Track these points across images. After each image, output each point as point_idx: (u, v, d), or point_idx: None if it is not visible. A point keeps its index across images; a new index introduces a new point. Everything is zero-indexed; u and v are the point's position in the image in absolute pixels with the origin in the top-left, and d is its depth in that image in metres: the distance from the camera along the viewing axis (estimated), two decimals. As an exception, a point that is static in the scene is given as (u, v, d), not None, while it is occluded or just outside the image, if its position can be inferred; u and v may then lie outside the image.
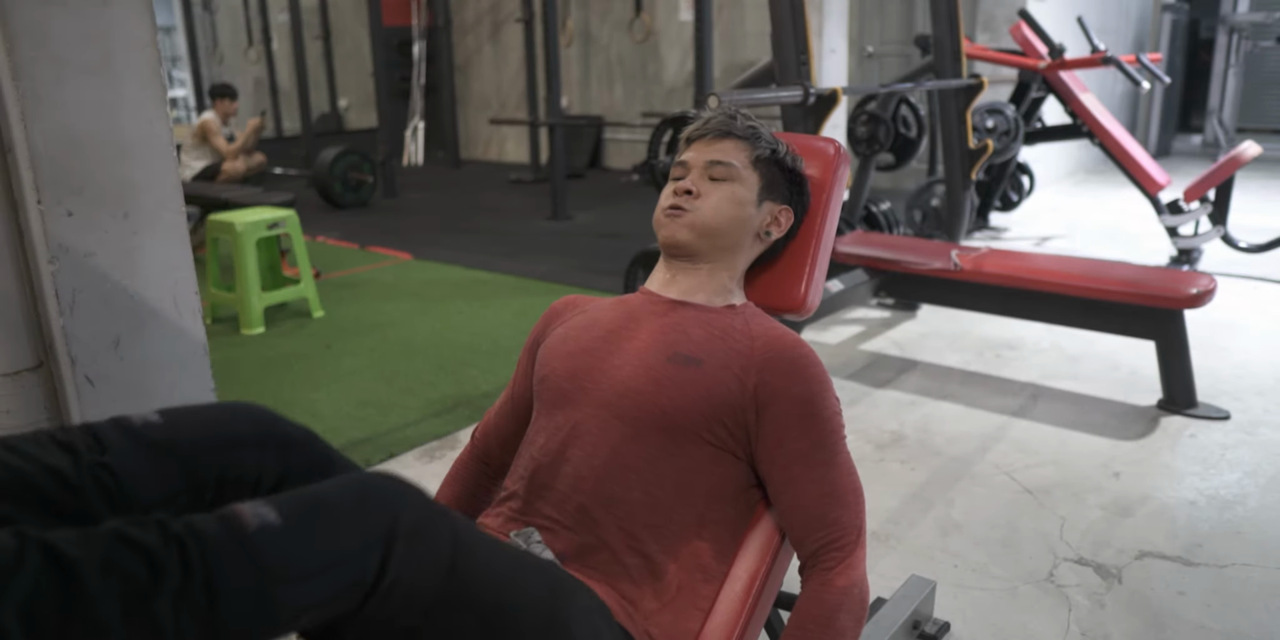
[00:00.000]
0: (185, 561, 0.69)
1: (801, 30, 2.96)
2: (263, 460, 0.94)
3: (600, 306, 1.30)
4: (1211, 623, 1.77)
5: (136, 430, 0.90)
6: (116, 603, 0.66)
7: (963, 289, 3.13)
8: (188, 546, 0.69)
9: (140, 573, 0.67)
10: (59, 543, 0.67)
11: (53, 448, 0.86)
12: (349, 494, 0.80)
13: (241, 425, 0.96)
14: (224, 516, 0.73)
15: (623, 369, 1.16)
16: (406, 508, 0.81)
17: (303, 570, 0.73)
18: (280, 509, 0.75)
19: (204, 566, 0.69)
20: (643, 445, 1.11)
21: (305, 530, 0.75)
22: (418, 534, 0.80)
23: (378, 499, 0.80)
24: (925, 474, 2.41)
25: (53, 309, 1.28)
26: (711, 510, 1.14)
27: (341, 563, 0.75)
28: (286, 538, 0.74)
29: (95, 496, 0.85)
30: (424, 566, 0.80)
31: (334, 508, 0.78)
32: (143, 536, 0.69)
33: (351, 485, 0.81)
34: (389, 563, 0.77)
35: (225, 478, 0.92)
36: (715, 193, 1.24)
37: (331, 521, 0.77)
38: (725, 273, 1.27)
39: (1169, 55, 8.38)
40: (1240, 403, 2.84)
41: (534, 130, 8.20)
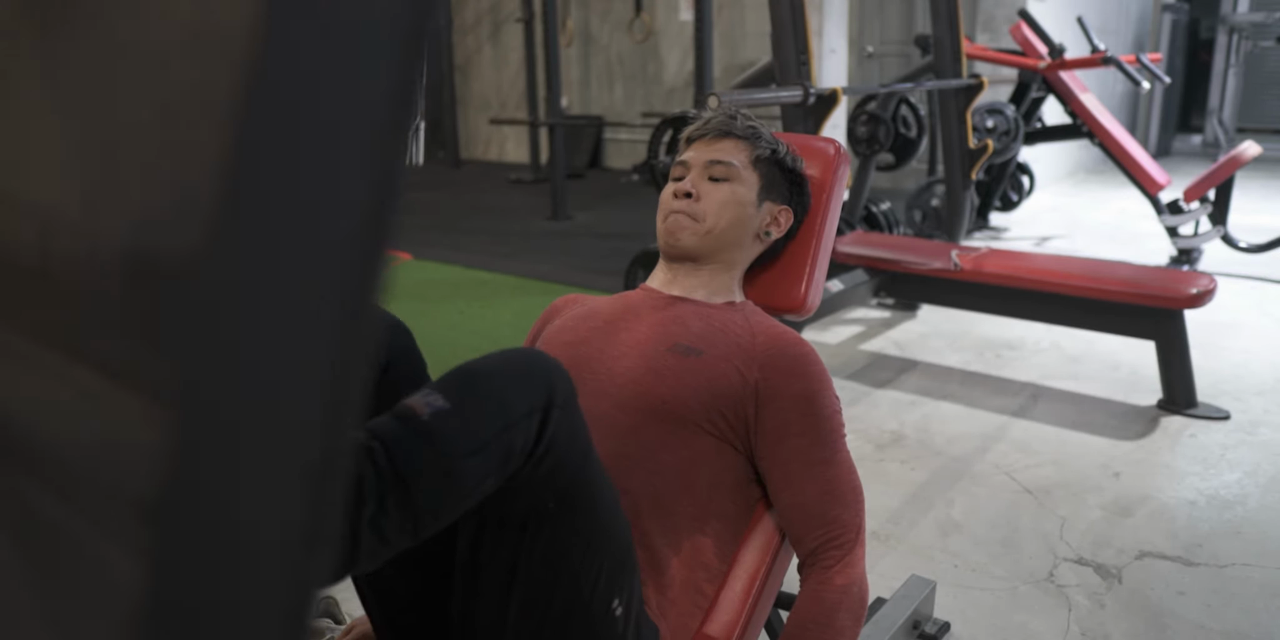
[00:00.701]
0: (374, 463, 0.76)
1: (801, 30, 2.96)
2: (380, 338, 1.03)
3: (600, 301, 1.30)
4: (1211, 623, 1.77)
5: None
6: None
7: (963, 289, 3.13)
8: (373, 448, 0.77)
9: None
10: None
11: None
12: (507, 365, 0.87)
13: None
14: (398, 413, 0.81)
15: (622, 359, 1.16)
16: (559, 377, 0.88)
17: (478, 441, 0.81)
18: (446, 392, 0.82)
19: (389, 462, 0.76)
20: (643, 435, 1.12)
21: (473, 406, 0.82)
22: (568, 405, 0.87)
23: (535, 367, 0.87)
24: (925, 474, 2.41)
25: (53, 309, 1.28)
26: (713, 503, 1.14)
27: (509, 428, 0.82)
28: (459, 417, 0.81)
29: None
30: (572, 438, 0.88)
31: (495, 380, 0.85)
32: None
33: (507, 357, 0.88)
34: (547, 426, 0.84)
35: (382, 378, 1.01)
36: (715, 194, 1.24)
37: (497, 391, 0.84)
38: (725, 273, 1.27)
39: (1169, 55, 8.38)
40: (1240, 403, 2.84)
41: (534, 130, 8.20)
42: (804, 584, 1.11)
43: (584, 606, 0.94)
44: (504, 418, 0.82)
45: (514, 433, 0.82)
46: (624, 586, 0.97)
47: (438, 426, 0.80)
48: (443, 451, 0.79)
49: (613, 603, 0.96)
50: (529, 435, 0.83)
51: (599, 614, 0.95)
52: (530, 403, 0.84)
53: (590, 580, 0.94)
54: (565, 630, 0.95)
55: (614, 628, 0.97)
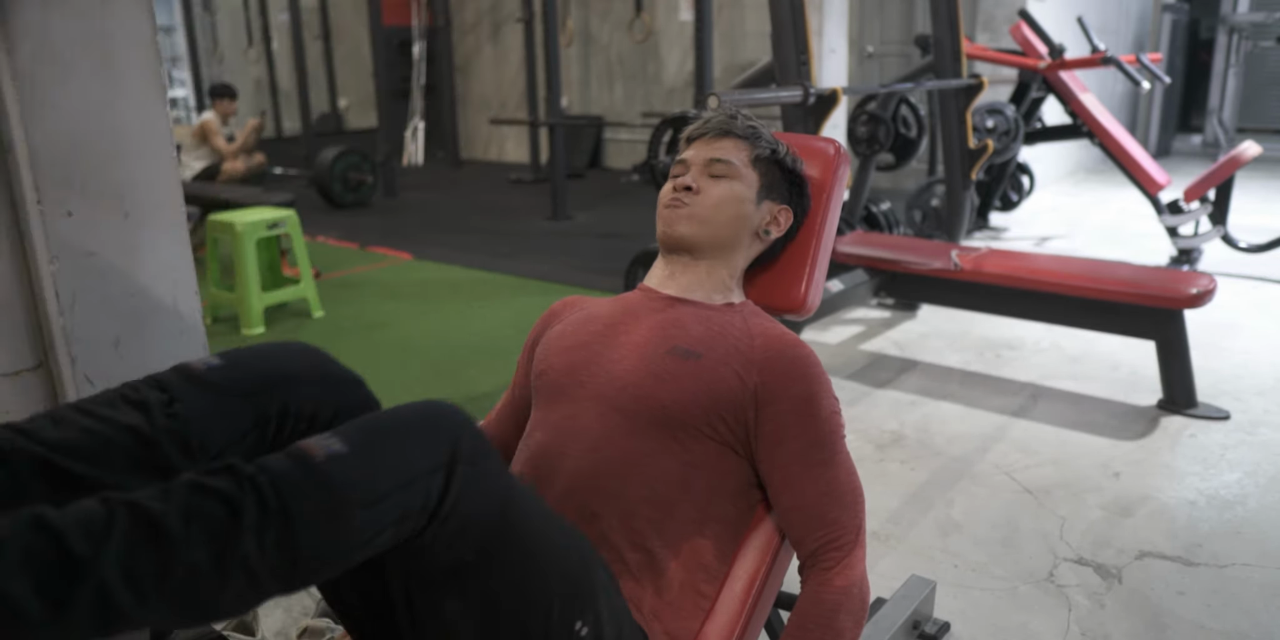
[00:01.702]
0: (260, 499, 0.73)
1: (801, 30, 2.96)
2: (320, 395, 0.99)
3: (598, 304, 1.30)
4: (1211, 623, 1.77)
5: (200, 375, 0.93)
6: (204, 547, 0.70)
7: (963, 289, 3.13)
8: (260, 484, 0.73)
9: (220, 516, 0.71)
10: (142, 500, 0.71)
11: (125, 406, 0.90)
12: (412, 418, 0.84)
13: (299, 363, 1.00)
14: (292, 452, 0.77)
15: (621, 363, 1.16)
16: (468, 434, 0.84)
17: (373, 493, 0.76)
18: (346, 438, 0.79)
19: (278, 499, 0.73)
20: (643, 439, 1.11)
21: (372, 455, 0.79)
22: (478, 460, 0.83)
23: (441, 422, 0.84)
24: (925, 474, 2.41)
25: (53, 309, 1.28)
26: (713, 507, 1.14)
27: (409, 484, 0.78)
28: (354, 463, 0.77)
29: (171, 447, 0.89)
30: (483, 494, 0.84)
31: (398, 431, 0.82)
32: (217, 483, 0.73)
33: (414, 410, 0.85)
34: (452, 484, 0.81)
35: (286, 413, 0.96)
36: (715, 189, 1.24)
37: (396, 444, 0.80)
38: (724, 270, 1.27)
39: (1169, 55, 8.38)
40: (1240, 403, 2.84)
41: (534, 130, 8.20)
42: (804, 585, 1.11)
43: (540, 637, 0.92)
44: (403, 473, 0.79)
45: (412, 490, 0.78)
46: (585, 607, 0.95)
47: (332, 470, 0.76)
48: (334, 496, 0.75)
49: (575, 625, 0.94)
50: (430, 494, 0.80)
51: (562, 638, 0.94)
52: (433, 460, 0.80)
53: (541, 615, 0.92)
54: None
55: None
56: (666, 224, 1.24)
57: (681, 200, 1.24)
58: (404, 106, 8.48)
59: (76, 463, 0.85)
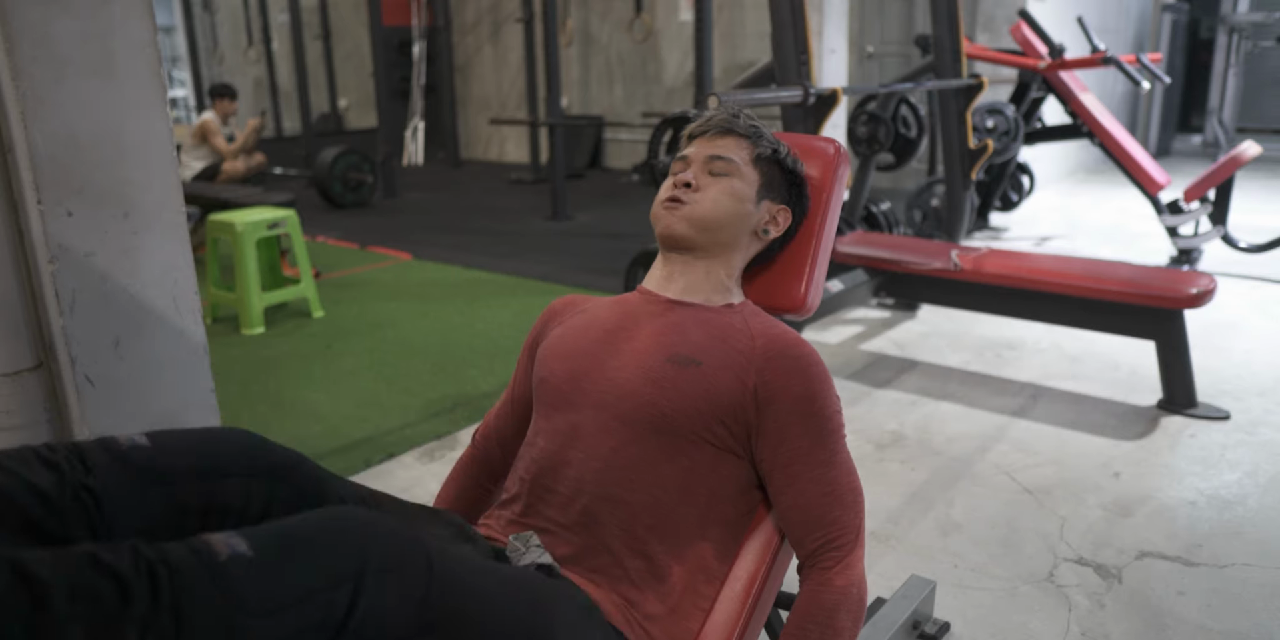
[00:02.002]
0: (155, 588, 0.68)
1: (801, 30, 2.96)
2: (249, 490, 0.93)
3: (598, 306, 1.29)
4: (1211, 623, 1.77)
5: (124, 453, 0.89)
6: (82, 627, 0.65)
7: (963, 289, 3.13)
8: (158, 573, 0.68)
9: (109, 598, 0.66)
10: (30, 562, 0.66)
11: (37, 465, 0.84)
12: (321, 528, 0.79)
13: (229, 454, 0.95)
14: (195, 546, 0.72)
15: (622, 371, 1.16)
16: (379, 542, 0.80)
17: (273, 603, 0.72)
18: (252, 541, 0.74)
19: (173, 594, 0.68)
20: (643, 447, 1.11)
21: (276, 563, 0.74)
22: (390, 569, 0.79)
23: (350, 533, 0.79)
24: (925, 474, 2.41)
25: (53, 309, 1.28)
26: (714, 511, 1.14)
27: (311, 597, 0.74)
28: (258, 569, 0.73)
29: (75, 518, 0.84)
30: (397, 601, 0.79)
31: (306, 542, 0.77)
32: (114, 561, 0.68)
33: (324, 519, 0.80)
34: (360, 598, 0.76)
35: (210, 506, 0.91)
36: (714, 186, 1.24)
37: (303, 555, 0.75)
38: (723, 270, 1.26)
39: (1169, 55, 8.38)
40: (1240, 403, 2.84)
41: (534, 130, 8.20)
42: (803, 585, 1.11)
43: None
44: (305, 586, 0.74)
45: (315, 603, 0.74)
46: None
47: (233, 573, 0.71)
48: (230, 600, 0.70)
49: None
50: (334, 608, 0.75)
51: None
52: (337, 573, 0.76)
53: None
54: None
55: None
56: (664, 222, 1.24)
57: (680, 198, 1.24)
58: (404, 106, 8.48)
59: None
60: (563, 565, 1.09)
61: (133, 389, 1.38)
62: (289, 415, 2.88)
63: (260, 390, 3.10)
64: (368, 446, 2.64)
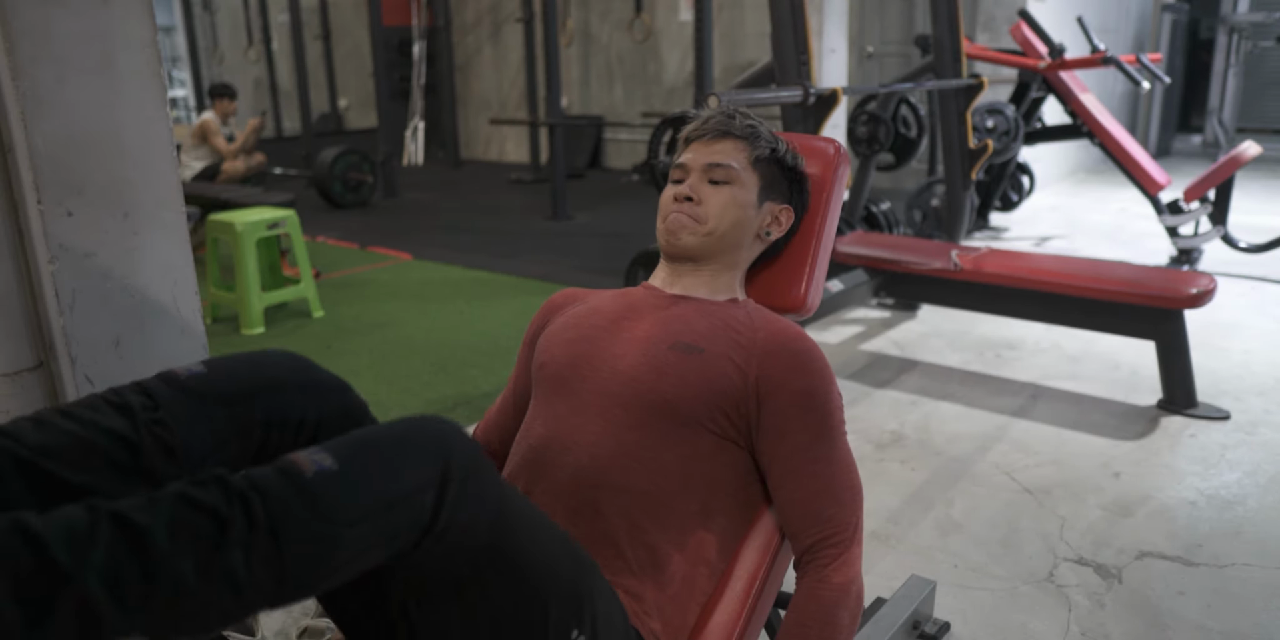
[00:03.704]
0: (248, 513, 0.72)
1: (801, 30, 2.96)
2: (304, 403, 0.99)
3: (601, 297, 1.30)
4: (1211, 623, 1.77)
5: (184, 382, 0.94)
6: (190, 560, 0.69)
7: (963, 289, 3.13)
8: (249, 499, 0.72)
9: (207, 530, 0.70)
10: (127, 511, 0.70)
11: (109, 410, 0.89)
12: (404, 434, 0.83)
13: (282, 370, 1.00)
14: (282, 466, 0.76)
15: (624, 357, 1.16)
16: (461, 449, 0.83)
17: (362, 511, 0.76)
18: (336, 454, 0.78)
19: (267, 516, 0.72)
20: (645, 434, 1.11)
21: (362, 472, 0.77)
22: (470, 477, 0.82)
23: (433, 440, 0.83)
24: (925, 474, 2.41)
25: (53, 309, 1.28)
26: (715, 500, 1.14)
27: (399, 503, 0.77)
28: (344, 481, 0.76)
29: (154, 452, 0.89)
30: (476, 510, 0.83)
31: (389, 449, 0.80)
32: (205, 495, 0.72)
33: (406, 427, 0.84)
34: (444, 502, 0.80)
35: (270, 421, 0.96)
36: (716, 197, 1.24)
37: (387, 463, 0.79)
38: (728, 273, 1.28)
39: (1169, 55, 8.38)
40: (1240, 403, 2.84)
41: (534, 130, 8.20)
42: (800, 582, 1.11)
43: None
44: (393, 490, 0.77)
45: (402, 509, 0.78)
46: (581, 614, 0.95)
47: (320, 487, 0.75)
48: (322, 514, 0.74)
49: (571, 634, 0.94)
50: (422, 512, 0.79)
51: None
52: (424, 478, 0.79)
53: (536, 624, 0.91)
54: None
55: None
56: (670, 235, 1.25)
57: (684, 212, 1.24)
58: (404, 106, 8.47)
59: (59, 466, 0.85)
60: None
61: (133, 389, 1.38)
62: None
63: (260, 390, 3.10)
64: (368, 446, 2.63)
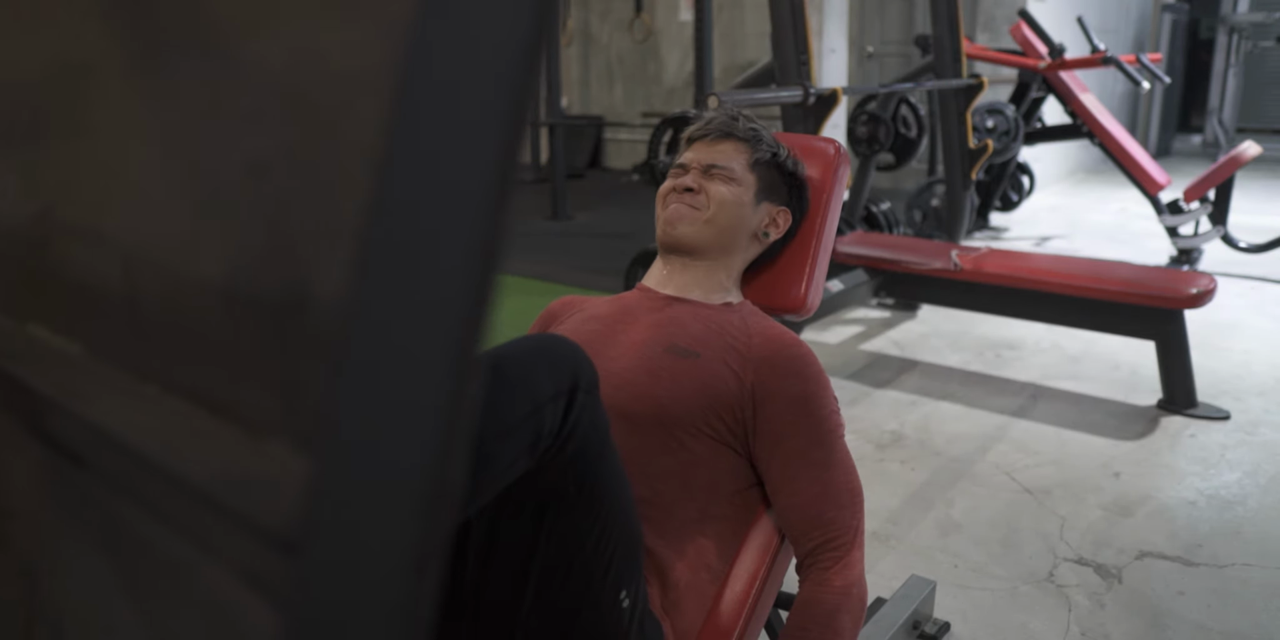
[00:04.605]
0: None
1: (801, 30, 2.96)
2: None
3: (596, 304, 1.30)
4: (1211, 623, 1.77)
5: None
6: None
7: (963, 289, 3.13)
8: None
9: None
10: None
11: None
12: (533, 348, 0.87)
13: None
14: None
15: (619, 361, 1.16)
16: (584, 363, 0.88)
17: (507, 425, 0.80)
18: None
19: None
20: (642, 440, 1.11)
21: (502, 391, 0.81)
22: (592, 390, 0.87)
23: (560, 353, 0.87)
24: (925, 474, 2.41)
25: (53, 309, 1.28)
26: (713, 506, 1.14)
27: (538, 410, 0.82)
28: (487, 402, 0.79)
29: None
30: (593, 423, 0.87)
31: (521, 363, 0.85)
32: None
33: (533, 341, 0.89)
34: (571, 411, 0.84)
35: None
36: (714, 192, 1.25)
37: (523, 375, 0.83)
38: (722, 272, 1.27)
39: (1169, 55, 8.38)
40: (1240, 403, 2.84)
41: (534, 130, 8.20)
42: (802, 585, 1.11)
43: (594, 594, 0.95)
44: (531, 401, 0.82)
45: (542, 415, 0.82)
46: (632, 579, 0.98)
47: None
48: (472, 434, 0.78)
49: (620, 593, 0.97)
50: (555, 418, 0.84)
51: (608, 604, 0.96)
52: (556, 386, 0.84)
53: (601, 569, 0.95)
54: (574, 616, 0.95)
55: (620, 618, 0.97)
56: (667, 224, 1.25)
57: (682, 202, 1.24)
58: (404, 106, 8.46)
59: None
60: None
61: (133, 389, 1.38)
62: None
63: (260, 390, 3.09)
64: (368, 446, 2.63)
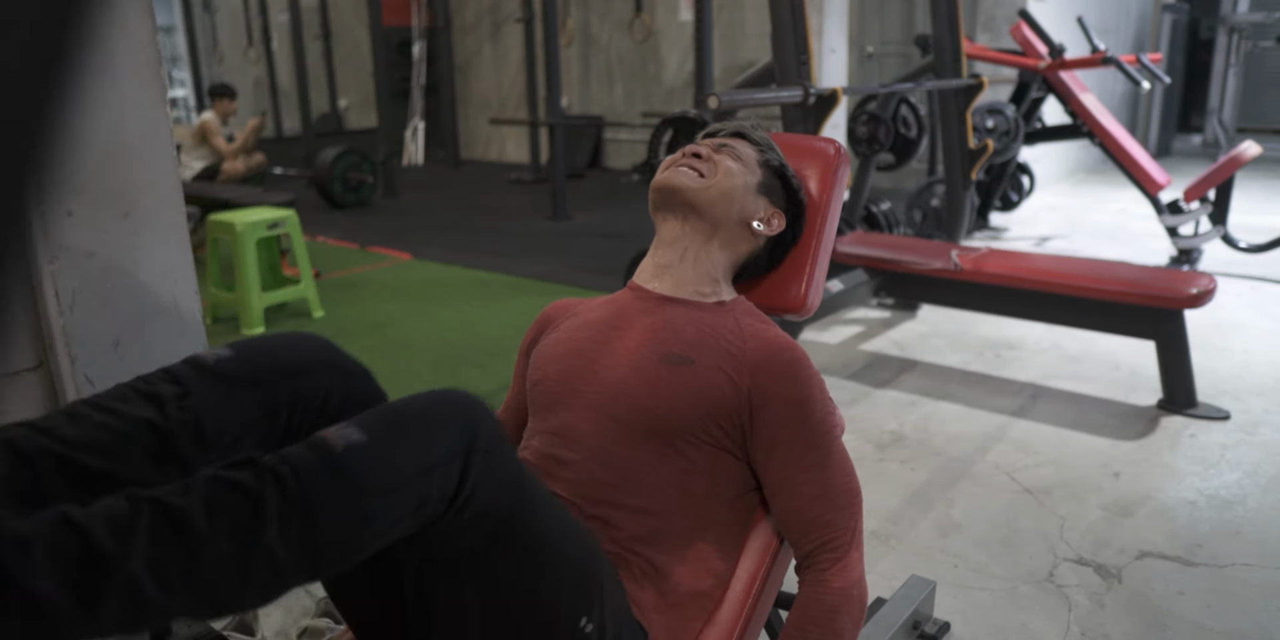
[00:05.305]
0: (282, 490, 0.74)
1: (801, 30, 2.96)
2: (330, 385, 1.00)
3: (590, 307, 1.28)
4: (1211, 623, 1.77)
5: (212, 367, 0.95)
6: (229, 539, 0.72)
7: (963, 289, 3.13)
8: (282, 476, 0.75)
9: (242, 508, 0.73)
10: (164, 496, 0.73)
11: (138, 400, 0.91)
12: (430, 406, 0.85)
13: (308, 351, 1.01)
14: (312, 443, 0.79)
15: (615, 369, 1.15)
16: (486, 421, 0.85)
17: (392, 482, 0.78)
18: (365, 427, 0.80)
19: (300, 491, 0.74)
20: (640, 449, 1.11)
21: (391, 444, 0.80)
22: (493, 448, 0.84)
23: (459, 410, 0.85)
24: (925, 474, 2.41)
25: (53, 309, 1.28)
26: (713, 511, 1.14)
27: (427, 472, 0.79)
28: (374, 453, 0.78)
29: (186, 438, 0.91)
30: (498, 481, 0.85)
31: (416, 420, 0.83)
32: (238, 476, 0.75)
33: (433, 398, 0.86)
34: (469, 472, 0.82)
35: (296, 403, 0.98)
36: (722, 162, 1.26)
37: (415, 433, 0.81)
38: (708, 261, 1.25)
39: (1169, 55, 8.38)
40: (1240, 403, 2.84)
41: (534, 130, 8.20)
42: (801, 587, 1.11)
43: (548, 629, 0.94)
44: (422, 461, 0.80)
45: (431, 478, 0.80)
46: (590, 603, 0.96)
47: (351, 461, 0.77)
48: (353, 487, 0.76)
49: (580, 621, 0.95)
50: (448, 482, 0.81)
51: (567, 633, 0.95)
52: (451, 448, 0.81)
53: (549, 609, 0.93)
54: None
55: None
56: (665, 175, 1.24)
57: (689, 163, 1.25)
58: (404, 106, 8.48)
59: (95, 458, 0.87)
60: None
61: (133, 389, 1.38)
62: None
63: (260, 390, 3.10)
64: (368, 446, 2.63)
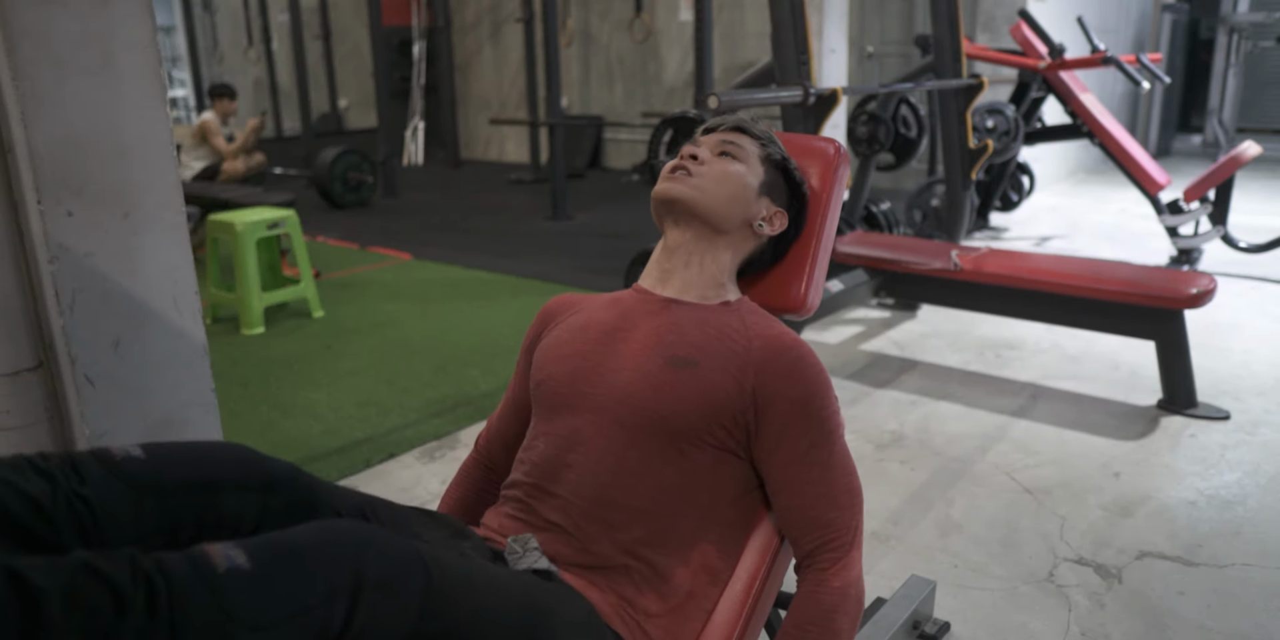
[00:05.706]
0: (151, 599, 0.67)
1: (801, 30, 2.96)
2: (242, 503, 0.93)
3: (594, 306, 1.28)
4: (1211, 623, 1.77)
5: (118, 465, 0.88)
6: (77, 636, 0.65)
7: (963, 289, 3.13)
8: (155, 584, 0.68)
9: (104, 607, 0.66)
10: (25, 569, 0.65)
11: (31, 474, 0.84)
12: (318, 541, 0.79)
13: (224, 466, 0.94)
14: (194, 556, 0.72)
15: (620, 372, 1.15)
16: (375, 556, 0.80)
17: (269, 617, 0.72)
18: (250, 553, 0.74)
19: (169, 605, 0.68)
20: (643, 451, 1.11)
21: (273, 576, 0.74)
22: (386, 583, 0.79)
23: (347, 546, 0.79)
24: (925, 474, 2.41)
25: (53, 309, 1.28)
26: (716, 513, 1.14)
27: (308, 611, 0.74)
28: (255, 582, 0.72)
29: (68, 527, 0.84)
30: (392, 615, 0.79)
31: (303, 555, 0.76)
32: (111, 570, 0.68)
33: (321, 532, 0.80)
34: (355, 613, 0.76)
35: (204, 519, 0.91)
36: (721, 164, 1.25)
37: (300, 569, 0.75)
38: (714, 264, 1.25)
39: (1169, 55, 8.38)
40: (1240, 403, 2.84)
41: (534, 130, 8.20)
42: (800, 585, 1.11)
43: None
44: (301, 600, 0.74)
45: (310, 618, 0.74)
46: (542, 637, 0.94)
47: (230, 586, 0.71)
48: (227, 614, 0.70)
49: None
50: (330, 622, 0.75)
51: None
52: (333, 587, 0.76)
53: None
54: None
55: None
56: (665, 184, 1.24)
57: (686, 168, 1.24)
58: (404, 106, 8.48)
59: None
60: (561, 567, 1.08)
61: (133, 389, 1.38)
62: (289, 415, 2.88)
63: (260, 390, 3.10)
64: (368, 446, 2.64)
